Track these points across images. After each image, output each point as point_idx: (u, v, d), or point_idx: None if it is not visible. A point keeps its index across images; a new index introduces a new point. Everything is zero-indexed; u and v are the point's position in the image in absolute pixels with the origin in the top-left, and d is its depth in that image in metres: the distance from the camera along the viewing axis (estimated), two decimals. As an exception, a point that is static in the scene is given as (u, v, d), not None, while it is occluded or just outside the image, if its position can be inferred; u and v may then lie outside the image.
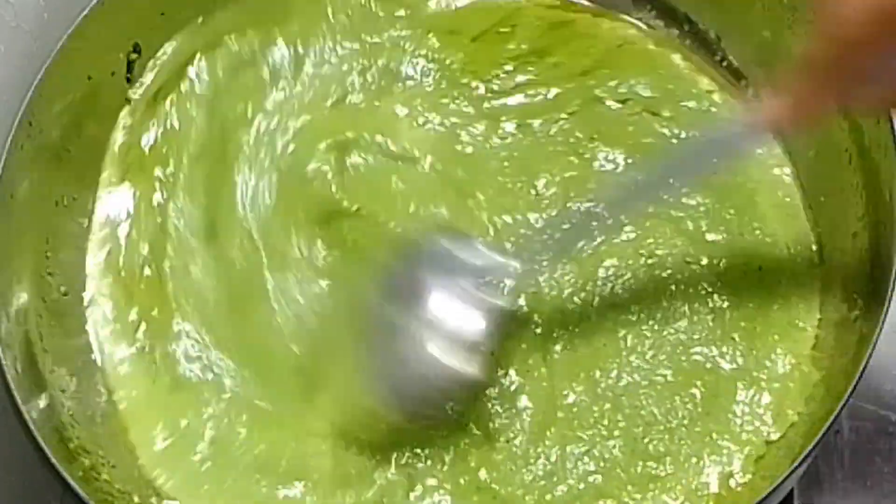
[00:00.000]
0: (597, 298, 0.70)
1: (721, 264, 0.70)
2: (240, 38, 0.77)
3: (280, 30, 0.78)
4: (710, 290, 0.69)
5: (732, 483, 0.64)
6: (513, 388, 0.67)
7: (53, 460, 0.59)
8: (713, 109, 0.75)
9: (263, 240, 0.72)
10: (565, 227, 0.68)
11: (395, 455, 0.66)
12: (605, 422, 0.66)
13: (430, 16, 0.79)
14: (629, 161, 0.74)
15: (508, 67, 0.77)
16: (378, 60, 0.77)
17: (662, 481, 0.65)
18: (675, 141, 0.74)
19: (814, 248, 0.70)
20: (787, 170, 0.73)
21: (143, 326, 0.70)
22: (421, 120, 0.76)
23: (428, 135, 0.75)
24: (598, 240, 0.70)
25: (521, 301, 0.69)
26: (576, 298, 0.70)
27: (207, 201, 0.74)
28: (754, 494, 0.60)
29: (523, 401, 0.67)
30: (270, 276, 0.71)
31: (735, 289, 0.69)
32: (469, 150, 0.75)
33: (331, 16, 0.78)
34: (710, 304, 0.69)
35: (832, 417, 0.58)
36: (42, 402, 0.64)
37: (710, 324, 0.68)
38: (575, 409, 0.67)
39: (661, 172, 0.65)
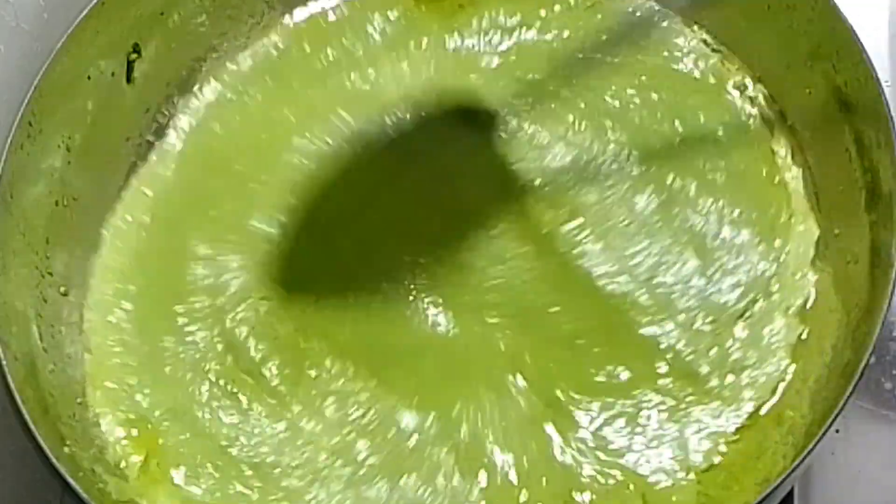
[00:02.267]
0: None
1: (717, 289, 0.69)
2: None
3: None
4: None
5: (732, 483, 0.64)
6: None
7: (53, 460, 0.59)
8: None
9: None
10: None
11: None
12: None
13: None
14: None
15: None
16: None
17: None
18: None
19: (814, 246, 0.70)
20: (793, 168, 0.72)
21: (143, 326, 0.70)
22: None
23: None
24: None
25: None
26: None
27: (207, 199, 0.74)
28: (754, 494, 0.60)
29: None
30: None
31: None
32: None
33: None
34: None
35: (832, 417, 0.58)
36: (42, 402, 0.64)
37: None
38: None
39: None
